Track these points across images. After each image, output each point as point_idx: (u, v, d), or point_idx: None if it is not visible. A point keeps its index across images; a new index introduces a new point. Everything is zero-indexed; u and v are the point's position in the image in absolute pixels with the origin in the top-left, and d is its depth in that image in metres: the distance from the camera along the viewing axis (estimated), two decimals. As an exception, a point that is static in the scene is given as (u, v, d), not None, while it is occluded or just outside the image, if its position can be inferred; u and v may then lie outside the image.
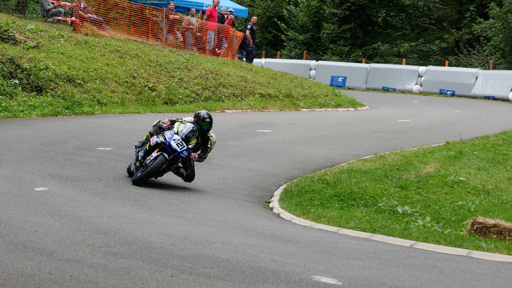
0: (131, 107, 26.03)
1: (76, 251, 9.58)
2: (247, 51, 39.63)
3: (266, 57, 51.23)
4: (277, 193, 16.91)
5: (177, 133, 16.18)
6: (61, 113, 23.50)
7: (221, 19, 37.78)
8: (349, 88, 42.30)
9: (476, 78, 40.74)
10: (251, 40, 39.75)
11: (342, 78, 44.20)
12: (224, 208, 14.83)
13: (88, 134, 20.78)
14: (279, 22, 56.64)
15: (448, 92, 41.05)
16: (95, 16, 33.03)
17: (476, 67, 45.97)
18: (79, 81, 25.73)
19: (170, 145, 15.98)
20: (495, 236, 13.41)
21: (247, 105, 29.90)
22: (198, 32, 37.01)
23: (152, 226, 11.84)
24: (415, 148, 21.83)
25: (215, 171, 18.19)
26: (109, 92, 26.41)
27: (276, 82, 33.68)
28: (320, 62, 46.67)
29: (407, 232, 13.59)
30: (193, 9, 37.78)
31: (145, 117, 24.94)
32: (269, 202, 16.21)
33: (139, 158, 16.21)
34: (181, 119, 16.66)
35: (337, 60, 50.18)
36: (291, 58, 52.60)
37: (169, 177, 16.86)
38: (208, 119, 16.40)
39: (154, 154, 15.99)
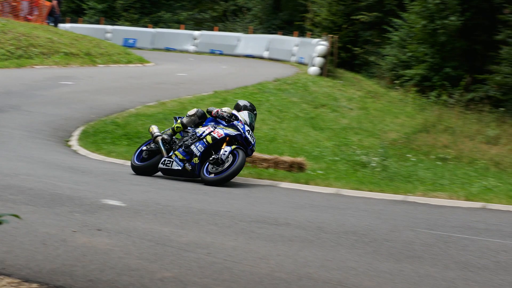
0: (-47, 64, 24.91)
1: None
2: (55, 18, 38.60)
3: (70, 23, 49.78)
4: (76, 133, 16.61)
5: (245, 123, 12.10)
6: None
7: (32, -9, 36.70)
8: (138, 48, 41.77)
9: (239, 41, 41.17)
10: (58, 9, 38.79)
11: (133, 40, 43.58)
12: (31, 147, 14.43)
13: None
14: (82, -7, 55.45)
15: (217, 51, 41.26)
16: None
17: (239, 32, 46.41)
18: None
19: (246, 138, 11.96)
20: (250, 164, 13.64)
21: (53, 61, 29.08)
22: (14, 2, 35.72)
23: (-32, 162, 11.43)
24: (190, 96, 21.90)
25: (24, 116, 17.64)
26: None
27: (78, 43, 32.91)
28: (115, 27, 45.84)
29: (180, 163, 13.66)
30: (8, -18, 36.49)
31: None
32: (69, 141, 15.92)
33: (196, 153, 11.77)
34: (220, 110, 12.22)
35: (129, 25, 49.52)
36: (91, 24, 51.46)
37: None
38: (255, 112, 12.49)
39: (227, 148, 11.62)
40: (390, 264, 7.16)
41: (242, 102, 12.47)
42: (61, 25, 40.64)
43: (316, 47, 29.95)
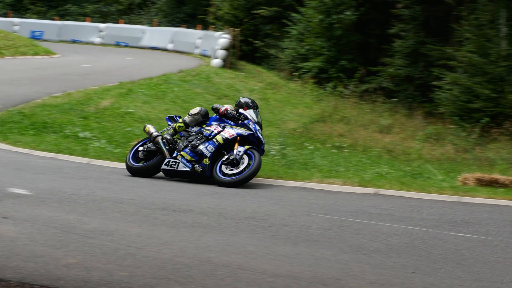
0: None
1: None
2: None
3: (-23, 15, 48.60)
4: (-18, 124, 16.20)
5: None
6: None
7: None
8: (45, 40, 40.90)
9: (144, 33, 40.82)
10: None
11: (40, 32, 42.70)
12: None
13: None
14: (-13, -13, 54.05)
15: (123, 43, 40.80)
16: None
17: (144, 24, 45.98)
18: None
19: (258, 137, 11.16)
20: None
21: (-41, 53, 28.39)
22: None
23: None
24: (96, 87, 21.59)
25: None
26: None
27: (-16, 35, 32.22)
28: (23, 20, 44.85)
29: (86, 152, 13.51)
30: None
31: None
32: (-26, 132, 15.52)
33: (207, 154, 10.86)
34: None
35: (36, 18, 48.54)
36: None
37: None
38: (258, 109, 11.59)
39: (241, 148, 10.83)
40: (288, 247, 7.22)
41: (243, 99, 11.55)
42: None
43: (219, 40, 29.94)
